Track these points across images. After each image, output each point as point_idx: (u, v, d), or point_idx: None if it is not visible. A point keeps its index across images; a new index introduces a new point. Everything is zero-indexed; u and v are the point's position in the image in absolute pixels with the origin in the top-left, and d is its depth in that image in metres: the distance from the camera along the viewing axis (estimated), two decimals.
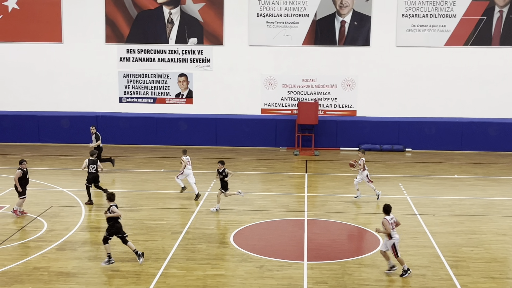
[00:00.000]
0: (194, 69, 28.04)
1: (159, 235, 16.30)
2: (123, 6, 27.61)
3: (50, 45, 27.98)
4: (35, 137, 28.26)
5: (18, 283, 13.17)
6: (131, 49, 27.92)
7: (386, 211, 13.78)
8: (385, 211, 13.80)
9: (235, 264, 14.41)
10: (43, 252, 14.88)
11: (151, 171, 23.53)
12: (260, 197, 20.19)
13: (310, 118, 27.05)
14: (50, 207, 18.48)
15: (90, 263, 14.34)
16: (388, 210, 13.78)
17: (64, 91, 28.29)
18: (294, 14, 27.46)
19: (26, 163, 17.91)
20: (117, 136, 28.17)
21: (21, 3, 27.68)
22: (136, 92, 28.25)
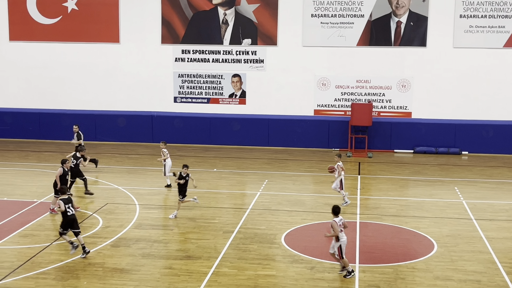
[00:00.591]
0: (247, 69, 28.15)
1: (211, 234, 16.43)
2: (179, 7, 27.95)
3: (107, 45, 28.55)
4: (92, 135, 28.88)
5: (74, 278, 13.49)
6: (186, 49, 28.23)
7: (335, 212, 13.72)
8: (334, 213, 13.74)
9: (286, 265, 14.39)
10: (98, 248, 15.20)
11: (204, 170, 23.74)
12: (312, 198, 20.11)
13: (364, 120, 26.78)
14: (105, 204, 18.87)
15: (144, 260, 14.57)
16: (337, 211, 13.71)
17: (120, 91, 28.83)
18: (349, 15, 27.24)
19: (69, 163, 18.31)
20: (171, 135, 28.53)
21: (80, 4, 28.36)
22: (190, 92, 28.55)
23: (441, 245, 15.71)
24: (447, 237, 16.32)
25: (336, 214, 13.72)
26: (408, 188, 21.98)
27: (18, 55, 28.89)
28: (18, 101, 29.13)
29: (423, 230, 16.79)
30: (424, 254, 15.09)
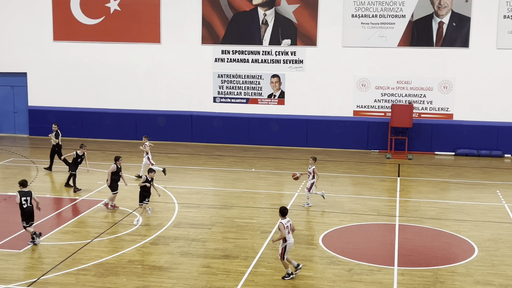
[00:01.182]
0: (286, 70, 28.13)
1: (249, 234, 16.47)
2: (219, 7, 28.11)
3: (148, 46, 28.89)
4: (133, 134, 29.28)
5: (113, 275, 13.69)
6: (226, 50, 28.37)
7: (283, 214, 13.51)
8: (281, 214, 13.54)
9: (323, 266, 14.34)
10: (137, 246, 15.39)
11: (243, 170, 23.82)
12: (350, 200, 19.99)
13: (404, 121, 26.50)
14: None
15: (182, 258, 14.70)
16: (284, 213, 13.52)
17: (161, 90, 29.13)
18: (390, 15, 26.99)
19: (122, 160, 18.63)
20: (210, 135, 28.74)
21: (123, 4, 28.76)
22: (229, 93, 28.68)
23: (482, 249, 15.44)
24: (488, 241, 16.04)
25: (283, 216, 13.59)
26: (448, 191, 21.67)
27: (62, 55, 29.45)
28: (61, 100, 29.70)
29: (463, 234, 16.53)
30: (464, 258, 14.85)
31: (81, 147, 20.71)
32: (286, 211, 13.64)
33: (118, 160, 18.41)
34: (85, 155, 20.74)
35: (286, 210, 13.66)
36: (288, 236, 13.45)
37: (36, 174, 22.55)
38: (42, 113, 29.81)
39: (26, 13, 29.37)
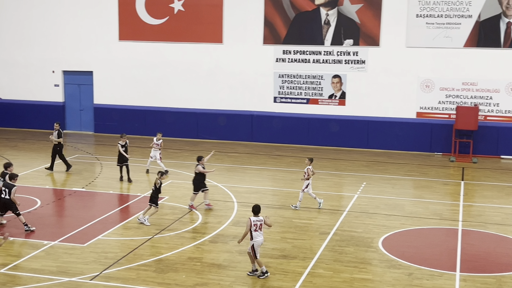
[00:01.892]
0: (348, 70, 27.87)
1: (307, 235, 16.41)
2: (281, 7, 28.11)
3: (211, 46, 29.16)
4: (194, 133, 29.63)
5: (173, 271, 13.88)
6: (287, 50, 28.34)
7: (254, 211, 13.46)
8: (253, 211, 13.49)
9: (383, 270, 14.14)
10: (197, 243, 15.56)
11: (302, 170, 23.69)
12: (411, 203, 19.64)
13: (469, 124, 25.83)
14: (204, 201, 19.25)
15: (240, 257, 14.76)
16: (255, 210, 13.45)
17: (222, 90, 29.36)
18: (456, 15, 26.36)
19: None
20: (270, 135, 28.78)
21: (186, 5, 29.13)
22: (290, 93, 28.64)
23: None
24: None
25: (255, 214, 13.47)
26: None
27: (126, 55, 30.08)
28: (125, 98, 30.34)
29: None
30: None
31: (121, 137, 21.50)
32: (257, 209, 13.57)
33: (201, 160, 18.44)
34: (127, 143, 21.50)
35: (257, 208, 13.59)
36: (255, 234, 13.37)
37: (101, 170, 23.11)
38: (106, 111, 30.54)
39: (93, 14, 30.15)
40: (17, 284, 13.05)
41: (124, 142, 21.44)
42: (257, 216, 13.50)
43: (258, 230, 13.41)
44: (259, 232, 13.43)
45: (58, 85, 31.17)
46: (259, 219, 13.48)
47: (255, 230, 13.38)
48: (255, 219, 13.45)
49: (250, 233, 13.45)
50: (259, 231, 13.42)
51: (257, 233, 13.41)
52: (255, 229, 13.37)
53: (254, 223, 13.38)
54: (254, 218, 13.47)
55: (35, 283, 13.10)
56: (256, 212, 13.53)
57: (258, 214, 13.55)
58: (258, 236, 13.44)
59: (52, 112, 31.18)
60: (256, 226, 13.37)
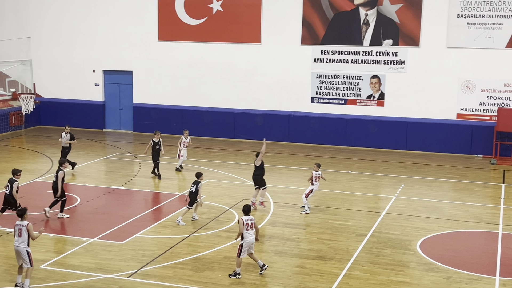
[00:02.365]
0: (387, 71, 27.60)
1: (343, 236, 16.31)
2: (320, 7, 28.00)
3: (248, 46, 29.21)
4: (231, 133, 29.73)
5: (209, 270, 13.94)
6: (325, 50, 28.21)
7: (245, 211, 13.52)
8: (243, 211, 13.54)
9: (420, 273, 13.96)
10: (233, 243, 15.59)
11: (339, 171, 23.62)
12: (450, 205, 19.34)
13: (511, 125, 25.31)
14: (241, 200, 19.32)
15: (276, 257, 14.76)
16: (246, 210, 13.51)
17: (259, 90, 29.38)
18: (498, 15, 25.86)
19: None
20: (307, 135, 28.69)
21: (225, 5, 29.25)
22: (327, 93, 28.50)
23: None
24: None
25: (245, 213, 13.47)
26: None
27: (165, 54, 30.35)
28: (164, 98, 30.61)
29: None
30: None
31: (155, 134, 21.88)
32: (248, 209, 13.61)
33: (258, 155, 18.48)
34: (160, 141, 21.84)
35: (248, 208, 13.63)
36: (246, 233, 13.37)
37: (139, 169, 23.35)
38: (145, 110, 30.87)
39: (134, 14, 30.51)
40: (56, 280, 13.28)
41: (157, 139, 21.73)
42: (248, 216, 13.59)
43: (250, 229, 13.49)
44: (251, 231, 13.50)
45: (98, 84, 31.65)
46: (250, 218, 13.56)
47: (246, 230, 13.47)
48: (246, 219, 13.52)
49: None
50: (250, 230, 13.49)
51: (248, 232, 13.47)
52: (246, 229, 13.46)
53: (246, 223, 13.46)
54: (245, 218, 13.54)
55: (74, 279, 13.31)
56: (247, 212, 13.63)
57: (249, 213, 13.65)
58: (249, 236, 13.49)
59: (92, 111, 31.68)
60: (247, 225, 13.46)
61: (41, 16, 31.74)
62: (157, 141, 21.81)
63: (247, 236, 13.45)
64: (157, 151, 21.82)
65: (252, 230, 13.53)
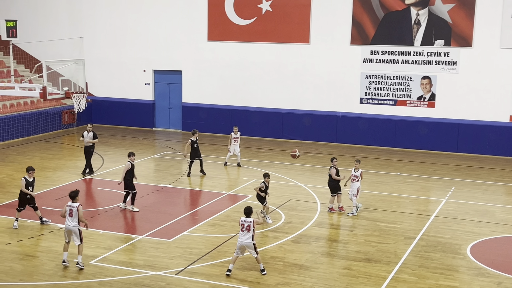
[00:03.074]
0: (438, 71, 27.13)
1: (391, 239, 16.11)
2: (370, 7, 27.73)
3: (297, 46, 29.14)
4: (279, 133, 29.72)
5: (256, 269, 13.97)
6: (375, 50, 27.92)
7: (245, 213, 13.51)
8: (244, 213, 13.52)
9: (470, 277, 13.68)
10: (279, 243, 15.60)
11: (387, 173, 23.34)
12: (502, 209, 18.88)
13: None
14: (288, 201, 19.31)
15: (323, 258, 14.69)
16: (246, 212, 13.49)
17: (307, 91, 29.29)
18: None
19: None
20: (356, 136, 28.45)
21: (274, 5, 29.26)
22: (377, 94, 28.21)
23: None
24: None
25: (245, 215, 13.54)
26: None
27: (214, 54, 30.56)
28: (212, 97, 30.83)
29: None
30: None
31: (193, 133, 22.03)
32: (247, 210, 13.58)
33: (333, 161, 18.29)
34: (198, 140, 22.04)
35: (247, 210, 13.59)
36: (239, 233, 13.49)
37: (187, 167, 23.56)
38: (194, 109, 31.15)
39: (184, 15, 30.82)
40: (106, 275, 13.53)
41: (195, 138, 21.89)
42: (247, 218, 13.55)
43: (245, 230, 13.45)
44: (245, 232, 13.46)
45: (148, 83, 32.10)
46: (247, 219, 13.53)
47: (241, 230, 13.51)
48: (243, 219, 13.58)
49: None
50: (245, 232, 13.46)
51: (242, 233, 13.49)
52: (241, 229, 13.50)
53: (242, 223, 13.51)
54: (243, 218, 13.61)
55: (123, 275, 13.54)
56: (247, 213, 13.60)
57: (250, 215, 13.60)
58: (241, 236, 13.51)
59: (143, 110, 32.15)
60: (243, 226, 13.48)
61: (94, 17, 32.40)
62: (195, 140, 21.90)
63: (239, 236, 13.59)
64: (196, 150, 21.93)
65: (247, 233, 13.43)
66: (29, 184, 16.28)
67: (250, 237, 13.49)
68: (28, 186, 16.27)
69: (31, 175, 16.34)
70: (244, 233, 13.47)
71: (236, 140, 23.33)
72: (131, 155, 18.26)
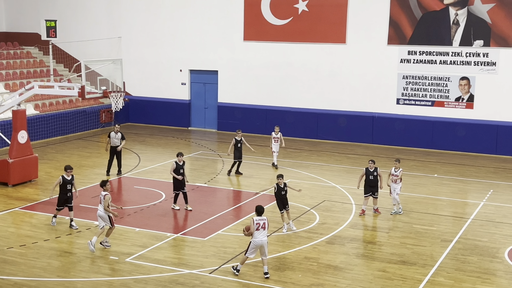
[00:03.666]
0: (477, 72, 26.69)
1: (428, 241, 15.92)
2: (408, 7, 27.43)
3: (333, 46, 29.00)
4: (314, 133, 29.62)
5: (290, 270, 13.96)
6: (413, 50, 27.60)
7: (258, 212, 13.52)
8: (257, 212, 13.54)
9: (508, 282, 13.43)
10: (313, 244, 15.55)
11: (424, 175, 23.06)
12: None
13: None
14: (323, 201, 19.23)
15: (358, 260, 14.59)
16: (259, 211, 13.51)
17: (343, 91, 29.13)
18: None
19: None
20: (392, 137, 28.18)
21: (311, 5, 29.17)
22: (414, 94, 27.89)
23: None
24: None
25: (258, 214, 13.52)
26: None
27: (250, 54, 30.61)
28: (248, 97, 30.89)
29: None
30: None
31: (237, 132, 22.17)
32: (260, 209, 13.55)
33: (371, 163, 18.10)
34: (243, 139, 22.11)
35: (261, 209, 13.58)
36: (255, 233, 13.29)
37: (222, 167, 23.68)
38: (229, 109, 31.26)
39: (220, 15, 30.95)
40: (141, 273, 13.68)
41: (239, 138, 21.99)
42: (260, 216, 13.52)
43: (261, 229, 13.36)
44: (261, 231, 13.36)
45: (185, 83, 32.33)
46: (262, 218, 13.48)
47: (256, 229, 13.39)
48: (258, 219, 13.47)
49: None
50: (261, 230, 13.38)
51: (258, 232, 13.38)
52: (257, 228, 13.39)
53: (257, 222, 13.40)
54: (257, 218, 13.50)
55: (158, 273, 13.66)
56: (260, 212, 13.59)
57: (262, 214, 13.58)
58: (257, 236, 13.38)
59: (179, 110, 32.40)
60: (258, 225, 13.39)
61: (132, 17, 32.78)
62: (239, 140, 22.08)
63: (256, 236, 13.42)
64: (239, 150, 22.07)
65: (263, 231, 13.41)
66: (67, 183, 16.53)
67: (266, 234, 13.51)
68: (66, 185, 16.53)
69: (69, 174, 16.59)
70: (260, 231, 13.43)
71: (277, 140, 23.30)
72: (178, 155, 18.38)
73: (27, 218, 17.38)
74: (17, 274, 13.48)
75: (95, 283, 13.13)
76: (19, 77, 31.06)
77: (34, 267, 13.89)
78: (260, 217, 13.53)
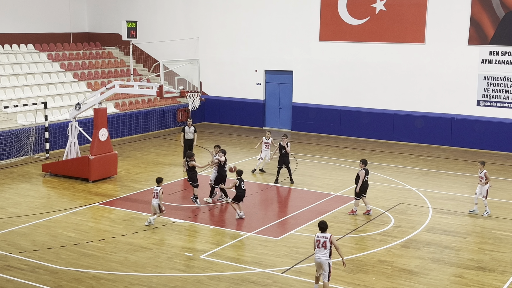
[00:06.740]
0: None
1: (507, 248, 15.37)
2: (490, 6, 26.56)
3: (411, 46, 28.46)
4: (389, 135, 29.15)
5: (363, 272, 13.80)
6: (495, 51, 26.71)
7: (321, 228, 12.40)
8: (320, 228, 12.42)
9: None
10: (388, 247, 15.31)
11: (505, 179, 22.27)
12: None
13: None
14: (398, 204, 18.91)
15: (433, 264, 14.26)
16: (322, 227, 12.37)
17: (421, 92, 28.53)
18: None
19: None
20: (471, 140, 27.37)
21: (388, 5, 28.73)
22: (495, 96, 26.99)
23: None
24: None
25: (321, 230, 12.40)
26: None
27: (326, 55, 30.45)
28: (322, 98, 30.75)
29: None
30: None
31: (282, 138, 21.31)
32: (323, 225, 12.38)
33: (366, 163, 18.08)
34: (288, 145, 21.27)
35: (323, 224, 12.39)
36: (316, 250, 12.40)
37: (296, 167, 23.64)
38: (304, 109, 31.20)
39: (296, 15, 30.95)
40: (214, 270, 13.86)
41: (284, 144, 21.20)
42: (324, 233, 12.41)
43: (321, 247, 12.32)
44: (320, 249, 12.33)
45: (260, 83, 32.52)
46: (324, 236, 12.36)
47: (316, 246, 12.43)
48: (319, 235, 12.46)
49: None
50: (321, 249, 12.32)
51: (318, 249, 12.38)
52: (316, 245, 12.42)
53: (317, 239, 12.40)
54: (318, 234, 12.51)
55: (231, 271, 13.80)
56: (323, 229, 12.42)
57: (325, 231, 12.44)
58: (316, 253, 12.44)
59: (253, 110, 32.62)
60: (318, 242, 12.36)
61: (209, 18, 33.26)
62: (283, 145, 21.32)
63: (316, 253, 12.48)
64: (284, 155, 21.27)
65: (324, 250, 12.30)
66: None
67: (326, 254, 12.35)
68: None
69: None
70: (321, 249, 12.37)
71: (268, 146, 22.28)
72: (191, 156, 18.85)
73: (106, 213, 17.94)
74: (95, 267, 13.94)
75: (169, 279, 13.40)
76: (100, 77, 32.11)
77: (111, 261, 14.33)
78: (322, 234, 12.43)
